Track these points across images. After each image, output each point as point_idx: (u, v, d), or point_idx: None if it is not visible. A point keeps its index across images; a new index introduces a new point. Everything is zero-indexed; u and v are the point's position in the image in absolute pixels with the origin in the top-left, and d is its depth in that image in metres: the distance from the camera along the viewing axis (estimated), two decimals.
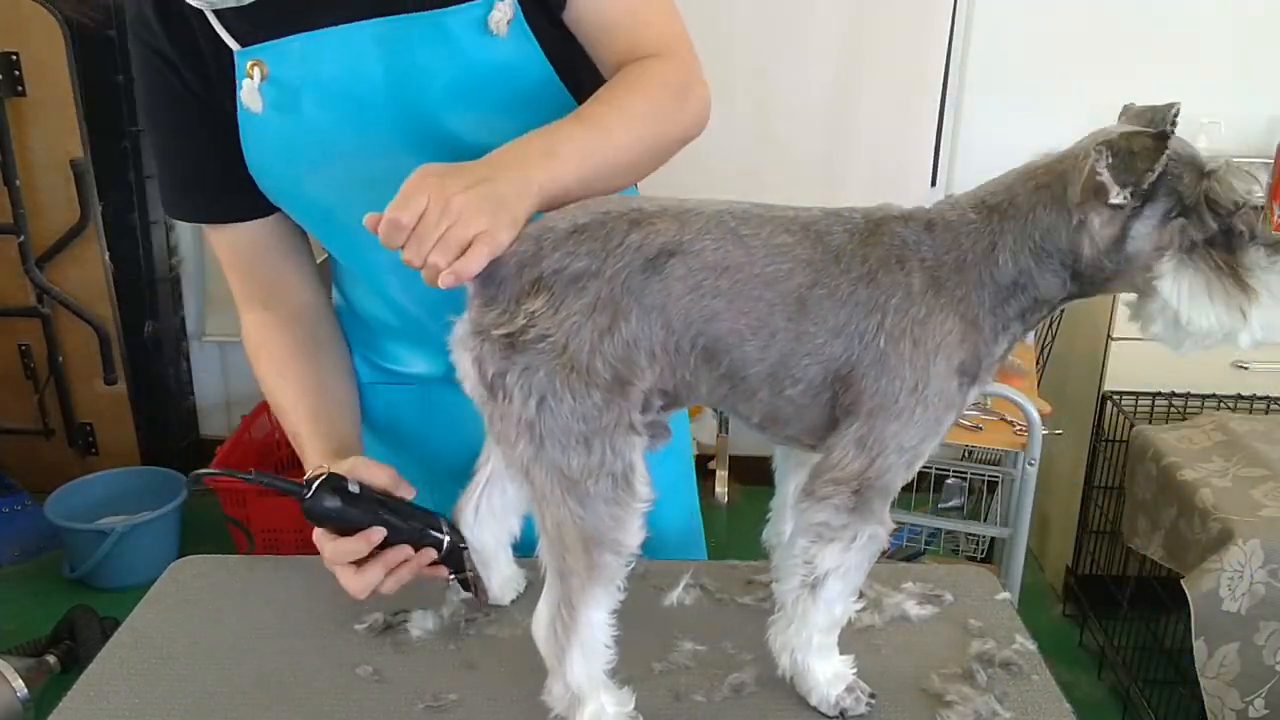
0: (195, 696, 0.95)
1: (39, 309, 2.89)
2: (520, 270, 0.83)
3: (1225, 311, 0.80)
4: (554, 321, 0.82)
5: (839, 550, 0.87)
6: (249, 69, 0.97)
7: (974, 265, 0.83)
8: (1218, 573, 1.81)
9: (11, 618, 2.56)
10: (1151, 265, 0.81)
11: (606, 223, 0.84)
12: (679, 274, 0.83)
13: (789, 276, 0.83)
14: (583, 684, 0.87)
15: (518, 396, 0.82)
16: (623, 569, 0.86)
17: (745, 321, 0.84)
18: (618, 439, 0.83)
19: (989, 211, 0.84)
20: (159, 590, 1.12)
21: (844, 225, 0.85)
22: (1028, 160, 0.87)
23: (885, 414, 0.83)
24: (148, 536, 2.68)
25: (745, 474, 3.08)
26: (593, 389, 0.82)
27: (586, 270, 0.83)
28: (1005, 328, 0.85)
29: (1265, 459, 2.04)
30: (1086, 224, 0.80)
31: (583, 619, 0.86)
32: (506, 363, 0.82)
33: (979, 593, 1.12)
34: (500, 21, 0.99)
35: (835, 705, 0.92)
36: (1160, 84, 2.86)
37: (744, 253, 0.84)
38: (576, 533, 0.84)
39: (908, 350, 0.82)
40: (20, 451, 3.04)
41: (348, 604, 1.07)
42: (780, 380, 0.85)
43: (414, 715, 0.94)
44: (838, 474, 0.85)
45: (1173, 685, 2.15)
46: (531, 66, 1.02)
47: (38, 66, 2.75)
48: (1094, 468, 2.48)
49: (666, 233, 0.84)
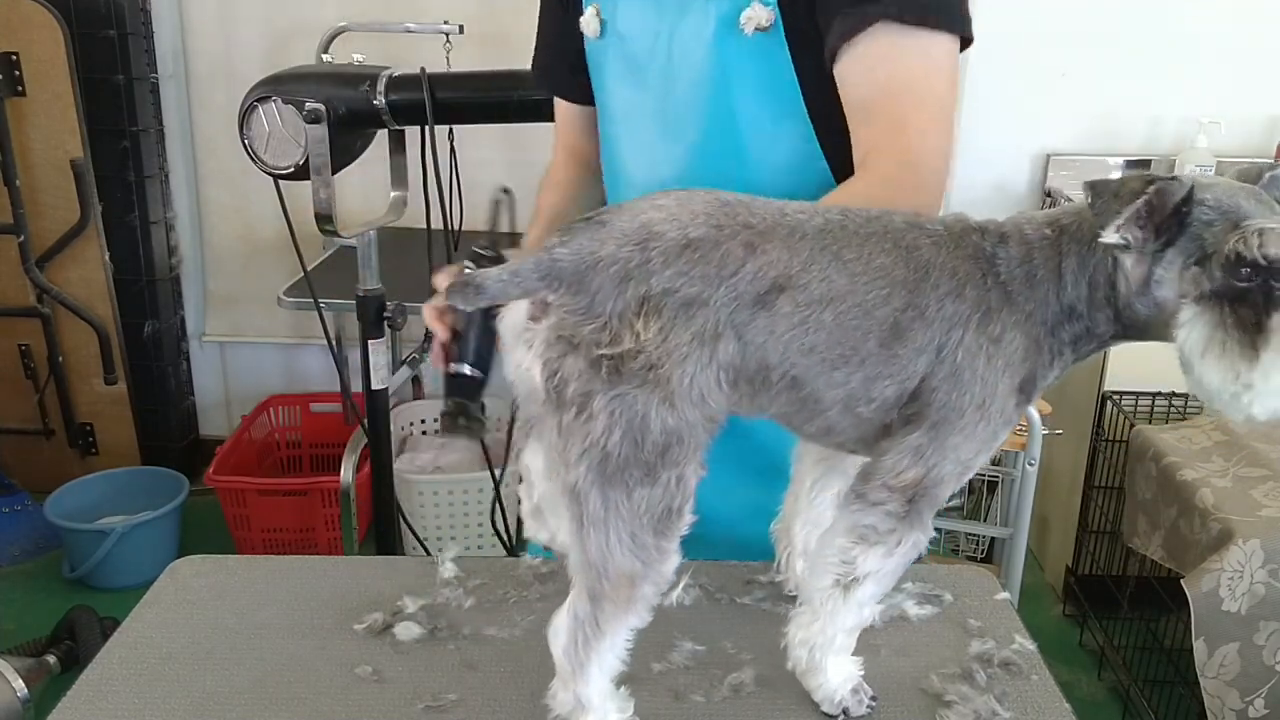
0: (195, 696, 0.95)
1: (39, 309, 2.89)
2: (624, 281, 0.77)
3: (1230, 372, 0.74)
4: (663, 350, 0.77)
5: (881, 554, 0.85)
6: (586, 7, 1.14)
7: (1043, 281, 0.82)
8: (1218, 573, 1.81)
9: (11, 618, 2.56)
10: (1176, 313, 0.77)
11: (721, 242, 0.80)
12: (786, 310, 0.80)
13: (886, 302, 0.81)
14: (593, 697, 0.86)
15: (602, 421, 0.77)
16: (659, 597, 0.84)
17: (839, 352, 0.82)
18: (687, 473, 0.80)
19: (1060, 231, 0.83)
20: (159, 590, 1.12)
21: (929, 237, 0.84)
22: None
23: (949, 426, 0.82)
24: (148, 536, 2.67)
25: None
26: (682, 424, 0.78)
27: (697, 297, 0.78)
28: (1060, 353, 0.85)
29: (1265, 459, 2.04)
30: (1119, 261, 0.80)
31: (608, 642, 0.84)
32: (601, 384, 0.77)
33: (979, 593, 1.12)
34: (750, 20, 1.02)
35: (838, 704, 0.92)
36: (1160, 84, 2.87)
37: (848, 280, 0.81)
38: (622, 566, 0.80)
39: (981, 366, 0.81)
40: (20, 451, 3.04)
41: (347, 604, 1.07)
42: (856, 400, 0.83)
43: (414, 715, 0.93)
44: (892, 480, 0.84)
45: (1173, 685, 2.15)
46: (767, 75, 1.04)
47: (38, 66, 2.75)
48: (1094, 468, 2.48)
49: (779, 263, 0.80)
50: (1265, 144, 2.79)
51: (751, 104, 1.05)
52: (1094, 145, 2.94)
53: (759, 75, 1.04)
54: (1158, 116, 2.89)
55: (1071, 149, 2.94)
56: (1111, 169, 2.94)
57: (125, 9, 2.82)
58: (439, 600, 1.08)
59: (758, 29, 1.01)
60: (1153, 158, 2.91)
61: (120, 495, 2.83)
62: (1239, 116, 2.81)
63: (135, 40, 2.87)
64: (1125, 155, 2.93)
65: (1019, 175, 2.98)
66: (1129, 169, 2.93)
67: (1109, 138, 2.93)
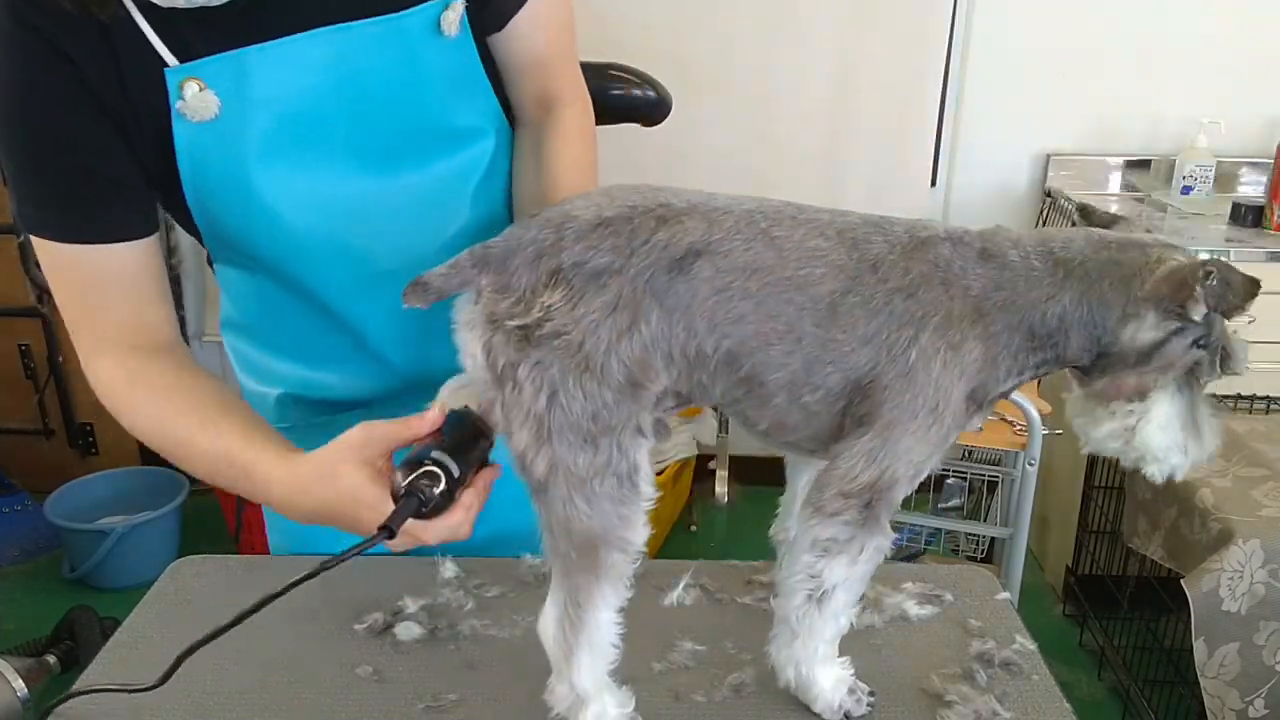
0: (195, 696, 0.95)
1: (39, 309, 2.89)
2: (538, 259, 0.82)
3: (1183, 440, 0.86)
4: (571, 318, 0.80)
5: (846, 564, 0.86)
6: (181, 85, 0.90)
7: (1021, 310, 0.83)
8: (1218, 573, 1.81)
9: (11, 618, 2.57)
10: (1158, 377, 0.84)
11: (633, 218, 0.83)
12: (706, 275, 0.82)
13: (821, 281, 0.82)
14: (588, 686, 0.87)
15: (528, 390, 0.81)
16: (630, 567, 0.86)
17: (772, 325, 0.83)
18: (625, 439, 0.82)
19: (1055, 264, 0.84)
20: (159, 590, 1.12)
21: (884, 236, 0.85)
22: (1085, 228, 0.89)
23: (901, 428, 0.83)
24: (148, 536, 2.67)
25: (745, 474, 3.08)
26: (605, 389, 0.81)
27: (609, 267, 0.81)
28: (1020, 372, 0.86)
29: (1265, 459, 2.04)
30: (1142, 317, 0.82)
31: (591, 618, 0.85)
32: (519, 355, 0.81)
33: (979, 593, 1.12)
34: (453, 22, 1.00)
35: (839, 709, 0.92)
36: (1160, 84, 2.87)
37: (775, 254, 0.83)
38: (584, 532, 0.83)
39: (937, 370, 0.82)
40: (20, 451, 3.04)
41: (348, 604, 1.07)
42: (800, 387, 0.84)
43: (414, 715, 0.94)
44: (847, 486, 0.84)
45: (1173, 685, 2.15)
46: (471, 69, 1.04)
47: None
48: (1094, 468, 2.48)
49: (695, 232, 0.82)
50: (1265, 144, 2.79)
51: (453, 100, 1.04)
52: (1094, 145, 2.94)
53: (461, 68, 1.04)
54: (1158, 116, 2.89)
55: (1071, 149, 2.94)
56: (1111, 169, 2.94)
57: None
58: (439, 600, 1.08)
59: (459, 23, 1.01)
60: (1153, 158, 2.91)
61: (120, 495, 2.83)
62: (1239, 116, 2.80)
63: None
64: (1125, 155, 2.93)
65: (1019, 175, 2.98)
66: (1129, 169, 2.94)
67: (1109, 138, 2.93)
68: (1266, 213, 2.55)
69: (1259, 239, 2.51)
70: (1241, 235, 2.53)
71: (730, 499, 3.05)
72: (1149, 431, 0.86)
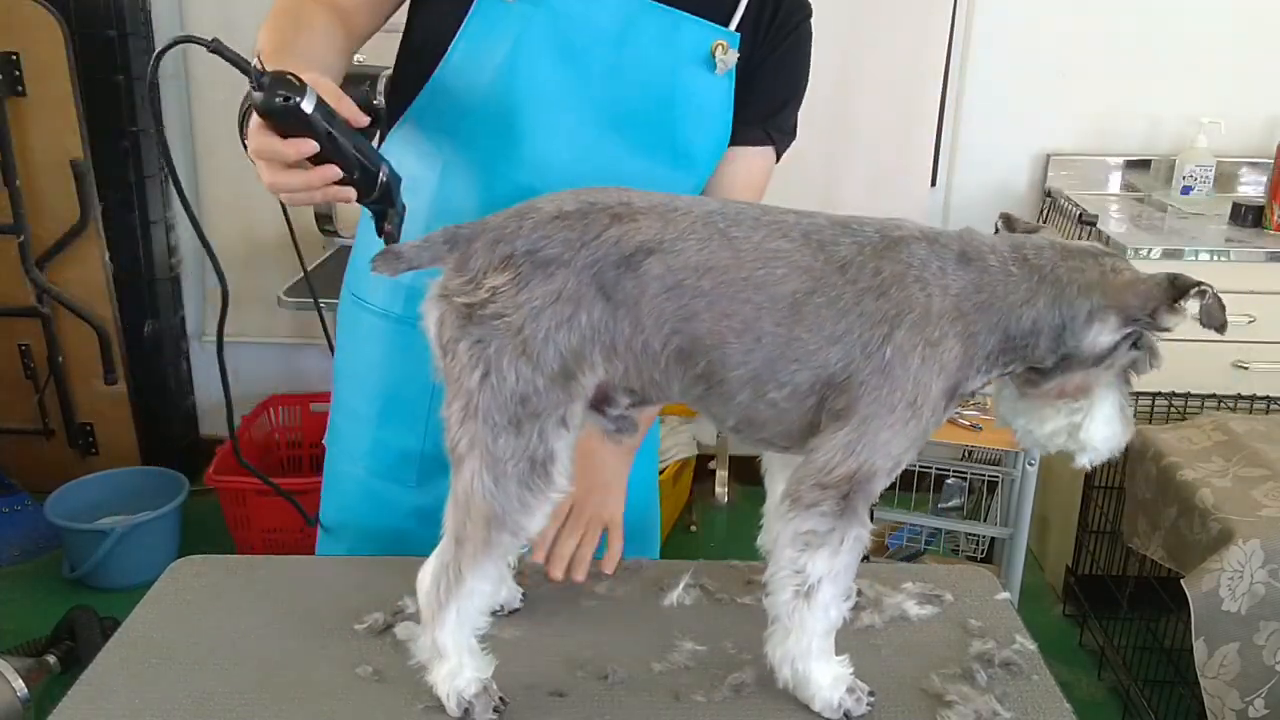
0: (195, 696, 0.95)
1: (39, 309, 2.89)
2: (496, 243, 0.85)
3: (1121, 431, 0.92)
4: (514, 302, 0.84)
5: (828, 555, 0.88)
6: None
7: (999, 312, 0.85)
8: (1218, 573, 1.81)
9: (11, 618, 2.56)
10: (1102, 375, 0.89)
11: (589, 213, 0.85)
12: (656, 273, 0.84)
13: (781, 282, 0.84)
14: (449, 644, 0.90)
15: (465, 364, 0.85)
16: (517, 549, 0.90)
17: (728, 324, 0.84)
18: (548, 427, 0.85)
19: (1030, 269, 0.86)
20: (159, 590, 1.12)
21: (853, 238, 0.86)
22: (1048, 236, 0.92)
23: (879, 421, 0.84)
24: (148, 536, 2.67)
25: (745, 474, 3.08)
26: (538, 374, 0.84)
27: (557, 258, 0.84)
28: (990, 370, 0.89)
29: (1265, 459, 2.04)
30: (1105, 322, 0.85)
31: (467, 586, 0.89)
32: (461, 331, 0.85)
33: (979, 593, 1.12)
34: (726, 63, 1.08)
35: (838, 708, 0.92)
36: (1160, 84, 2.87)
37: (731, 254, 0.84)
38: (483, 507, 0.86)
39: (915, 365, 0.84)
40: (20, 451, 3.04)
41: (347, 604, 1.07)
42: (764, 384, 0.86)
43: (414, 715, 0.94)
44: (825, 478, 0.86)
45: (1173, 685, 2.15)
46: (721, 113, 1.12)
47: (38, 66, 2.74)
48: (1094, 468, 2.47)
49: (648, 230, 0.85)
50: (1265, 144, 2.79)
51: (694, 132, 1.11)
52: (1094, 145, 2.94)
53: (713, 106, 1.11)
54: (1158, 116, 2.89)
55: (1071, 149, 2.94)
56: (1111, 169, 2.94)
57: (125, 9, 2.82)
58: None
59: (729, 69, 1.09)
60: (1153, 158, 2.91)
61: (120, 495, 2.83)
62: (1239, 116, 2.80)
63: (135, 40, 2.87)
64: (1125, 155, 2.93)
65: (1019, 175, 2.98)
66: (1129, 169, 2.94)
67: (1109, 138, 2.93)
68: (1266, 213, 2.55)
69: (1259, 239, 2.51)
70: (1241, 235, 2.53)
71: (730, 499, 3.05)
72: (1095, 426, 0.90)
